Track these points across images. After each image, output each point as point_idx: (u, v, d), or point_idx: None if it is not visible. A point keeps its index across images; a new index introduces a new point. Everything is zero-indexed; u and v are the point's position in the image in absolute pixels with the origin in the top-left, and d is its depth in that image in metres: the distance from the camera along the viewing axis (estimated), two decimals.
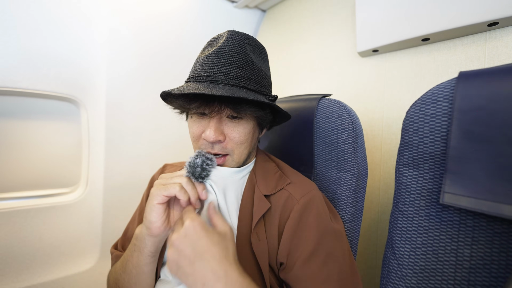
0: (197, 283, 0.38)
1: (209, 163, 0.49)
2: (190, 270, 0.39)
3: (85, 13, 0.92)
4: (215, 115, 0.49)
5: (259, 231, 0.50)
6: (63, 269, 0.95)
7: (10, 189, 0.89)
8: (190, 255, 0.39)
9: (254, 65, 0.50)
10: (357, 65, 0.93)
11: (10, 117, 0.88)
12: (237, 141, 0.51)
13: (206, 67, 0.49)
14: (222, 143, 0.51)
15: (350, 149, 0.60)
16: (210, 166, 0.49)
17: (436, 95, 0.41)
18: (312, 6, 1.12)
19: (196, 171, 0.47)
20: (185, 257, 0.40)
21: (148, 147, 1.13)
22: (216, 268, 0.38)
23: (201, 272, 0.38)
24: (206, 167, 0.48)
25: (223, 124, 0.50)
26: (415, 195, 0.44)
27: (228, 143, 0.51)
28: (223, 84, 0.47)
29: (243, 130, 0.51)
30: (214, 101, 0.47)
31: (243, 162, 0.56)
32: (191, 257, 0.39)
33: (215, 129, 0.48)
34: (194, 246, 0.40)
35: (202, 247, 0.40)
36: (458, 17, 0.65)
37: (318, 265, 0.46)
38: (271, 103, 0.49)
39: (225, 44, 0.49)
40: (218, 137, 0.48)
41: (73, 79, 0.92)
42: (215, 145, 0.51)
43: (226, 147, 0.51)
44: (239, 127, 0.51)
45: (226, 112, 0.49)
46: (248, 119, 0.52)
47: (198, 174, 0.48)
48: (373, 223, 0.85)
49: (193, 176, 0.48)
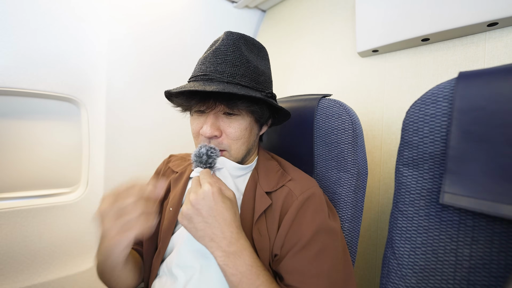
0: (205, 237, 0.44)
1: (213, 151, 0.51)
2: (201, 226, 0.45)
3: (85, 13, 0.92)
4: (210, 111, 0.52)
5: (261, 227, 0.51)
6: (64, 268, 0.95)
7: (11, 189, 0.89)
8: (204, 215, 0.44)
9: (249, 63, 0.52)
10: (357, 65, 0.93)
11: (10, 117, 0.88)
12: (232, 137, 0.53)
13: (203, 67, 0.52)
14: (218, 138, 0.53)
15: (350, 149, 0.60)
16: (215, 154, 0.51)
17: (436, 95, 0.41)
18: (312, 6, 1.12)
19: (202, 159, 0.50)
20: (200, 215, 0.45)
21: (148, 147, 1.13)
22: (224, 229, 0.44)
23: (211, 230, 0.44)
24: (211, 155, 0.51)
25: (219, 120, 0.53)
26: (415, 195, 0.44)
27: (224, 138, 0.53)
28: (218, 82, 0.49)
29: (239, 126, 0.53)
30: (209, 98, 0.50)
31: (242, 158, 0.58)
32: (205, 216, 0.44)
33: (211, 125, 0.51)
34: (209, 208, 0.44)
35: (216, 210, 0.45)
36: (457, 17, 0.65)
37: (309, 259, 0.47)
38: (263, 98, 0.50)
39: (221, 44, 0.52)
40: (214, 132, 0.51)
41: (74, 79, 0.92)
42: (212, 140, 0.53)
43: (222, 142, 0.53)
44: (235, 123, 0.53)
45: (220, 108, 0.51)
46: (244, 116, 0.54)
47: (205, 161, 0.51)
48: (373, 223, 0.85)
49: (201, 164, 0.51)
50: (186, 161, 0.71)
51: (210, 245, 0.44)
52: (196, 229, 0.45)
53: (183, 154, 0.76)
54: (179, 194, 0.61)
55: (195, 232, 0.45)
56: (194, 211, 0.45)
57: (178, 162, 0.72)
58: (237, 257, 0.43)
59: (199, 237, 0.45)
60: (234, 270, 0.43)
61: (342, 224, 0.60)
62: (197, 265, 0.51)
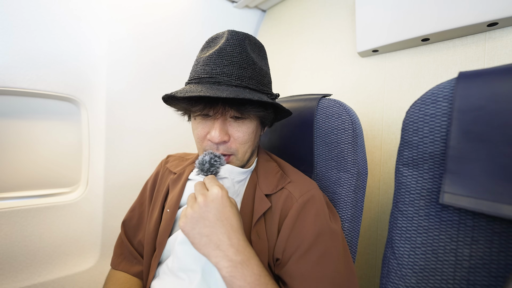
0: (211, 244, 0.41)
1: (217, 160, 0.50)
2: (207, 231, 0.42)
3: (85, 13, 0.92)
4: (219, 117, 0.50)
5: (260, 229, 0.51)
6: (64, 268, 0.95)
7: (11, 188, 0.89)
8: (211, 219, 0.42)
9: (255, 65, 0.51)
10: (357, 65, 0.93)
11: (10, 117, 0.88)
12: (241, 141, 0.52)
13: (208, 68, 0.49)
14: (227, 143, 0.52)
15: (350, 149, 0.60)
16: (218, 163, 0.50)
17: (436, 95, 0.41)
18: (312, 6, 1.12)
19: (204, 167, 0.49)
20: (206, 219, 0.42)
21: (149, 147, 1.13)
22: (231, 235, 0.42)
23: (217, 236, 0.41)
24: (215, 163, 0.49)
25: (227, 124, 0.51)
26: (415, 195, 0.44)
27: (232, 143, 0.52)
28: (226, 85, 0.47)
29: (247, 130, 0.52)
30: (218, 103, 0.47)
31: (247, 161, 0.57)
32: (212, 221, 0.42)
33: (220, 130, 0.49)
34: (218, 211, 0.42)
35: (224, 214, 0.43)
36: (458, 17, 0.65)
37: (312, 263, 0.46)
38: (274, 103, 0.50)
39: (226, 44, 0.49)
40: (223, 137, 0.49)
41: (74, 79, 0.92)
42: (220, 145, 0.51)
43: (230, 147, 0.52)
44: (243, 127, 0.52)
45: (230, 113, 0.50)
46: (251, 119, 0.53)
47: (207, 169, 0.49)
48: (373, 223, 0.85)
49: (202, 172, 0.50)
50: (185, 161, 0.70)
51: (215, 254, 0.40)
52: (201, 235, 0.42)
53: (181, 154, 0.75)
54: (177, 195, 0.60)
55: (199, 239, 0.42)
56: (201, 214, 0.42)
57: (176, 162, 0.71)
58: (244, 266, 0.40)
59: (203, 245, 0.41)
60: (242, 281, 0.39)
61: (342, 224, 0.60)
62: (198, 268, 0.50)
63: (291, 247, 0.48)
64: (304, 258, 0.47)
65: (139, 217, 0.69)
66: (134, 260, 0.66)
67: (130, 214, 0.70)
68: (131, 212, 0.70)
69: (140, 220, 0.69)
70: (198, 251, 0.42)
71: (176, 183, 0.64)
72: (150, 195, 0.69)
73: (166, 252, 0.57)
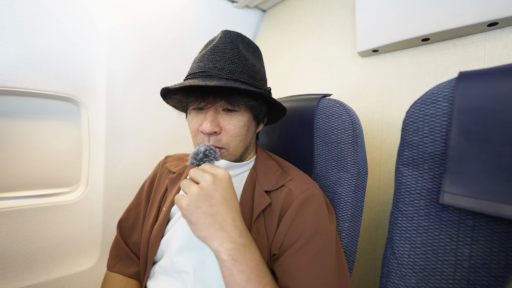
0: (215, 224, 0.40)
1: (212, 152, 0.50)
2: (213, 210, 0.41)
3: (85, 13, 0.92)
4: (210, 107, 0.51)
5: (259, 226, 0.51)
6: (64, 268, 0.95)
7: (11, 188, 0.89)
8: (219, 198, 0.42)
9: (247, 61, 0.53)
10: (357, 65, 0.93)
11: (10, 117, 0.88)
12: (232, 134, 0.53)
13: (202, 64, 0.51)
14: (218, 135, 0.52)
15: (350, 149, 0.60)
16: (213, 156, 0.50)
17: (436, 95, 0.41)
18: (312, 6, 1.12)
19: (198, 156, 0.49)
20: (213, 198, 0.41)
21: (149, 147, 1.13)
22: (235, 217, 0.42)
23: (222, 216, 0.41)
24: (209, 155, 0.50)
25: (218, 116, 0.52)
26: (415, 195, 0.44)
27: (223, 135, 0.53)
28: (218, 78, 0.49)
29: (238, 122, 0.53)
30: (209, 94, 0.49)
31: (240, 156, 0.57)
32: (219, 200, 0.42)
33: (210, 121, 0.50)
34: (223, 192, 0.42)
35: (230, 195, 0.43)
36: (457, 17, 0.65)
37: (306, 260, 0.46)
38: (262, 93, 0.51)
39: (219, 42, 0.52)
40: (214, 128, 0.50)
41: (74, 79, 0.92)
42: (211, 137, 0.52)
43: (221, 139, 0.53)
44: (234, 119, 0.53)
45: (220, 104, 0.51)
46: (243, 112, 0.53)
47: (200, 159, 0.49)
48: (373, 222, 0.85)
49: (196, 161, 0.50)
50: (184, 161, 0.71)
51: (219, 235, 0.39)
52: (206, 214, 0.40)
53: (180, 154, 0.75)
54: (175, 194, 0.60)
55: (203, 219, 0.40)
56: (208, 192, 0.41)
57: (175, 162, 0.71)
58: (247, 249, 0.40)
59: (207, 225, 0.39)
60: (243, 265, 0.38)
61: (342, 224, 0.60)
62: (190, 270, 0.51)
63: (288, 242, 0.48)
64: (299, 253, 0.47)
65: (135, 218, 0.69)
66: (130, 261, 0.66)
67: (126, 215, 0.70)
68: (127, 212, 0.70)
69: (136, 220, 0.69)
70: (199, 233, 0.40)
71: (175, 182, 0.64)
72: (147, 196, 0.69)
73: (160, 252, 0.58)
